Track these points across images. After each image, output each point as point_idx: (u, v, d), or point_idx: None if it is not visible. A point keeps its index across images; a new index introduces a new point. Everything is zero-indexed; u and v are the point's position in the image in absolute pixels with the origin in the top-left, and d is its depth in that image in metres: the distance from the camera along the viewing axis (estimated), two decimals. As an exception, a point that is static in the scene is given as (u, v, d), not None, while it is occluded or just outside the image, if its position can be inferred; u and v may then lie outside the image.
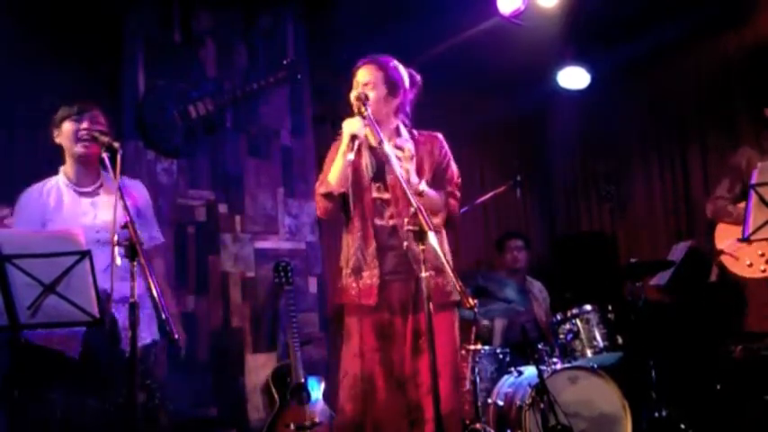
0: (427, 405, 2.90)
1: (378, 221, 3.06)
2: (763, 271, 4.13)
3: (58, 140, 3.19)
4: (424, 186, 2.99)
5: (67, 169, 3.21)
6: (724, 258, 4.30)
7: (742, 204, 4.26)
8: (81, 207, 3.15)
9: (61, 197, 3.16)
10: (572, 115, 6.31)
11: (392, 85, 3.11)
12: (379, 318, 3.03)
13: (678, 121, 5.88)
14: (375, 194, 3.07)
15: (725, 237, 4.33)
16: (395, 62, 3.18)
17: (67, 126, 3.13)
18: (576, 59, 5.76)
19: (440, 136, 3.24)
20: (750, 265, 4.18)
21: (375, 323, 3.03)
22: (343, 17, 5.10)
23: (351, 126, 2.95)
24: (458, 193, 3.21)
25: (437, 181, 3.13)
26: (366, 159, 3.06)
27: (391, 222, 3.05)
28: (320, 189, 3.08)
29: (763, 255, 4.08)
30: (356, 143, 2.93)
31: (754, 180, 3.28)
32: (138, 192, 3.33)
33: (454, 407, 3.03)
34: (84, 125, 3.11)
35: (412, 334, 3.01)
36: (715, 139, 5.56)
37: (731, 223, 4.29)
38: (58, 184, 3.19)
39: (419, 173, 3.03)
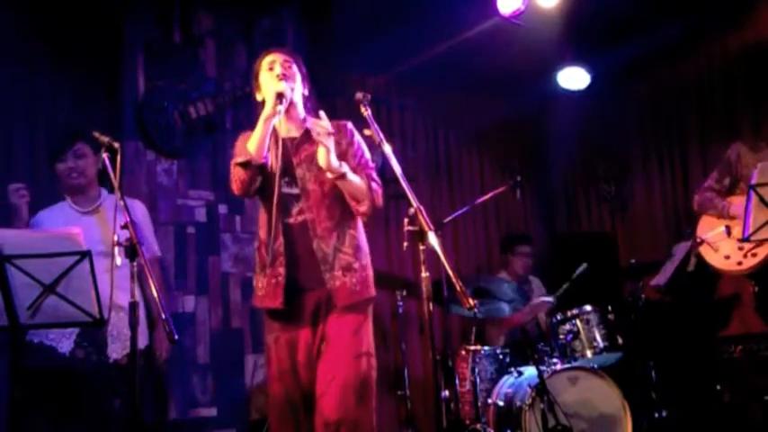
0: (318, 409, 2.76)
1: (286, 219, 2.88)
2: (739, 264, 4.11)
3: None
4: (345, 168, 2.81)
5: (69, 194, 3.54)
6: (702, 249, 4.29)
7: (730, 199, 4.27)
8: (82, 223, 3.31)
9: (66, 215, 3.46)
10: (572, 115, 6.31)
11: (303, 74, 3.02)
12: (292, 336, 2.86)
13: (678, 121, 5.88)
14: (284, 189, 2.88)
15: (707, 228, 4.32)
16: None
17: (58, 168, 3.49)
18: (576, 59, 5.76)
19: (349, 124, 3.02)
20: (727, 258, 4.16)
21: (288, 342, 2.86)
22: (343, 18, 5.10)
23: (277, 86, 2.84)
24: (378, 179, 2.97)
25: (350, 168, 2.91)
26: (274, 152, 2.86)
27: (300, 218, 2.88)
28: (237, 159, 2.83)
29: (741, 248, 4.05)
30: (284, 103, 2.81)
31: (754, 180, 3.28)
32: (135, 209, 3.52)
33: (348, 416, 2.72)
34: (70, 164, 3.48)
35: (318, 342, 2.85)
36: (715, 139, 5.56)
37: (714, 216, 4.28)
38: (63, 205, 3.52)
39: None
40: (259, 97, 3.02)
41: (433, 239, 2.51)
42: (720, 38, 5.52)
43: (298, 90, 2.96)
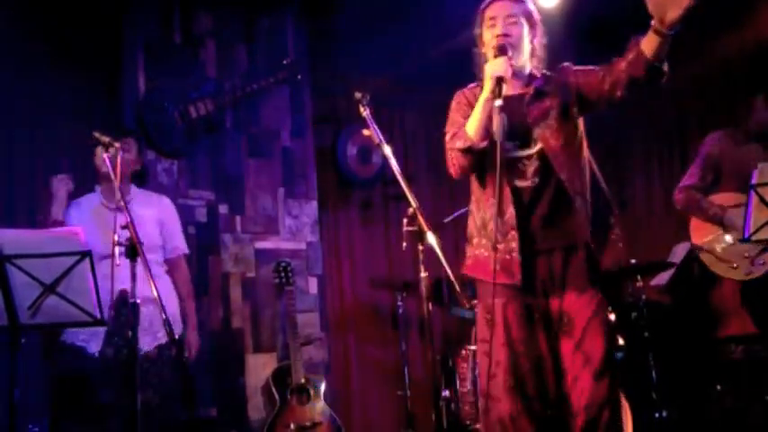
0: (575, 397, 2.57)
1: (518, 183, 2.68)
2: (748, 274, 4.08)
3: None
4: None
5: (101, 187, 3.59)
6: (703, 256, 4.24)
7: (713, 199, 4.24)
8: (109, 220, 3.31)
9: (93, 210, 3.51)
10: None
11: (532, 22, 2.84)
12: (524, 300, 2.64)
13: (678, 121, 5.88)
14: (514, 153, 2.68)
15: (701, 233, 4.27)
16: None
17: (98, 151, 3.44)
18: (576, 59, 5.75)
19: (566, 64, 2.97)
20: (736, 268, 4.11)
21: (522, 307, 2.64)
22: (343, 18, 5.10)
23: (495, 67, 2.58)
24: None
25: (588, 93, 2.96)
26: (496, 116, 2.55)
27: (535, 181, 2.68)
28: (456, 143, 2.64)
29: (747, 257, 4.03)
30: (503, 87, 2.55)
31: (754, 180, 3.28)
32: (162, 205, 3.72)
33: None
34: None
35: (556, 316, 2.63)
36: (715, 139, 5.56)
37: (703, 220, 4.23)
38: (93, 198, 3.59)
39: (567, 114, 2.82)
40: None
41: (432, 240, 2.50)
42: (720, 38, 5.52)
43: (525, 47, 2.83)
